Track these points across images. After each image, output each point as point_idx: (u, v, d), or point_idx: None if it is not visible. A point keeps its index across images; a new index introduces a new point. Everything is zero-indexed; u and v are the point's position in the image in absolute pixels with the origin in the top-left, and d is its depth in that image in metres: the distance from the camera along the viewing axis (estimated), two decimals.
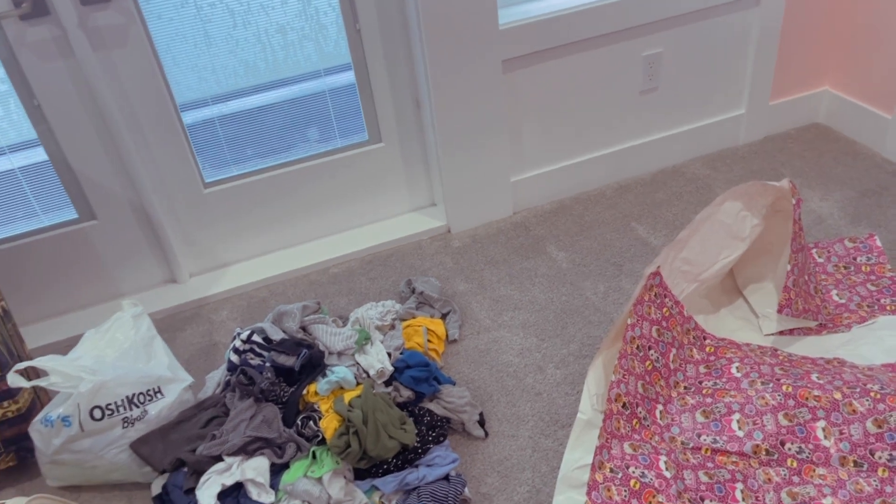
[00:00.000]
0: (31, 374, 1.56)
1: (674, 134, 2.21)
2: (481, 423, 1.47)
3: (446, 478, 1.33)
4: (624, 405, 1.33)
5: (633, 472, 1.24)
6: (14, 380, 1.35)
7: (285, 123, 1.94)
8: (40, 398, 1.54)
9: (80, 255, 1.89)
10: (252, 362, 1.48)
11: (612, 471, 1.24)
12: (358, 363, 1.51)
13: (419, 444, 1.36)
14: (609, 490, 1.22)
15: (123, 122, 1.75)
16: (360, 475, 1.34)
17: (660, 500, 1.21)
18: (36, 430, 1.39)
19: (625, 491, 1.22)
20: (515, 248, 2.00)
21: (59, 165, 1.77)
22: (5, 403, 1.44)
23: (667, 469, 1.26)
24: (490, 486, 1.36)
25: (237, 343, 1.52)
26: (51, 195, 1.81)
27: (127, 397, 1.40)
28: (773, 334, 1.57)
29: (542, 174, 2.12)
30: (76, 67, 1.65)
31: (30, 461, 1.52)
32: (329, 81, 1.92)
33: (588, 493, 1.21)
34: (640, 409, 1.35)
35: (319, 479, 1.29)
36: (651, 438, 1.33)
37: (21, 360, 1.50)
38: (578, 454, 1.32)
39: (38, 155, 1.76)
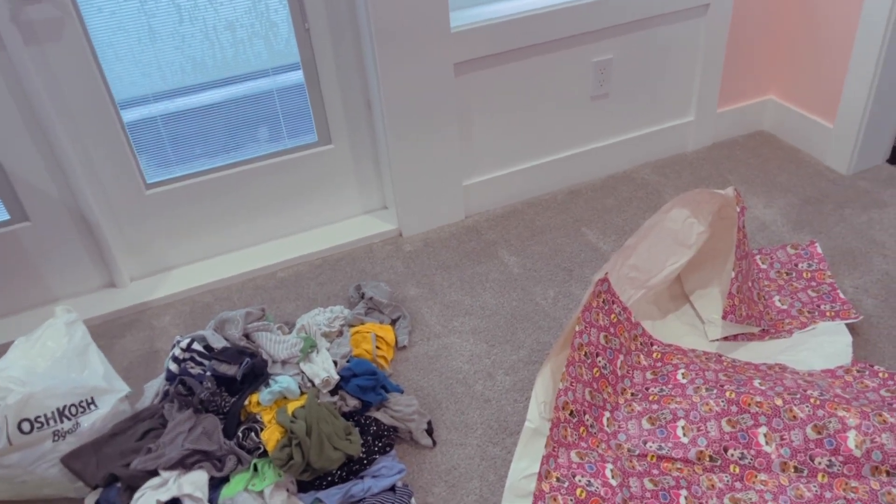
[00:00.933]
0: None
1: (624, 140, 2.23)
2: (429, 431, 1.45)
3: (392, 489, 1.30)
4: (571, 413, 1.33)
5: (580, 481, 1.24)
6: None
7: (232, 123, 1.88)
8: None
9: (10, 258, 1.80)
10: (192, 371, 1.43)
11: (558, 480, 1.24)
12: (303, 372, 1.47)
13: (365, 455, 1.33)
14: (555, 500, 1.21)
15: (58, 119, 1.68)
16: (303, 487, 1.30)
17: None
18: None
19: (571, 500, 1.21)
20: (467, 252, 1.99)
21: None
22: None
23: (613, 477, 1.26)
24: (437, 497, 1.34)
25: (176, 351, 1.46)
26: None
27: (58, 409, 1.34)
28: (718, 340, 1.59)
29: (494, 178, 2.11)
30: (7, 63, 1.57)
31: None
32: (278, 80, 1.87)
33: (534, 503, 1.20)
34: (587, 416, 1.35)
35: (261, 493, 1.26)
36: (598, 446, 1.33)
37: None
38: (525, 463, 1.31)
39: None
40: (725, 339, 1.59)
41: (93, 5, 1.61)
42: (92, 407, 1.39)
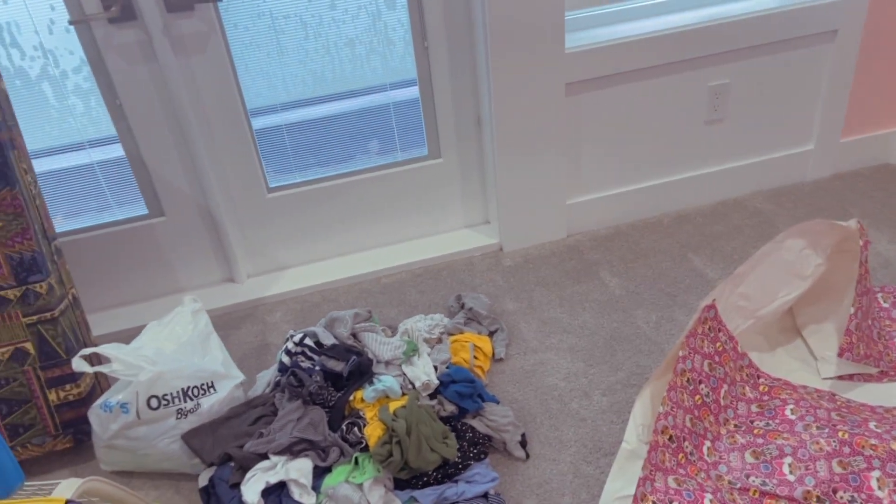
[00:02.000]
0: (94, 360, 1.62)
1: (738, 166, 2.18)
2: (523, 444, 1.46)
3: (485, 495, 1.33)
4: (670, 438, 1.31)
5: None
6: (78, 364, 1.42)
7: (349, 134, 1.99)
8: (100, 384, 1.61)
9: (146, 249, 1.97)
10: (302, 365, 1.52)
11: None
12: (404, 374, 1.53)
13: (460, 460, 1.37)
14: None
15: (197, 124, 1.83)
16: (399, 485, 1.35)
17: None
18: (95, 414, 1.45)
19: None
20: (567, 270, 1.99)
21: (134, 163, 1.85)
22: (67, 387, 1.51)
23: None
24: None
25: (289, 345, 1.55)
26: (124, 190, 1.90)
27: (182, 389, 1.45)
28: (831, 378, 1.52)
29: (599, 198, 2.11)
30: (157, 71, 1.73)
31: (85, 444, 1.58)
32: (393, 95, 1.96)
33: None
34: (686, 443, 1.33)
35: (360, 486, 1.31)
36: (697, 475, 1.30)
37: (86, 347, 1.57)
38: (620, 484, 1.30)
39: (116, 151, 1.85)
40: (840, 378, 1.51)
41: (231, 21, 1.75)
42: (211, 390, 1.49)
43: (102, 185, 1.88)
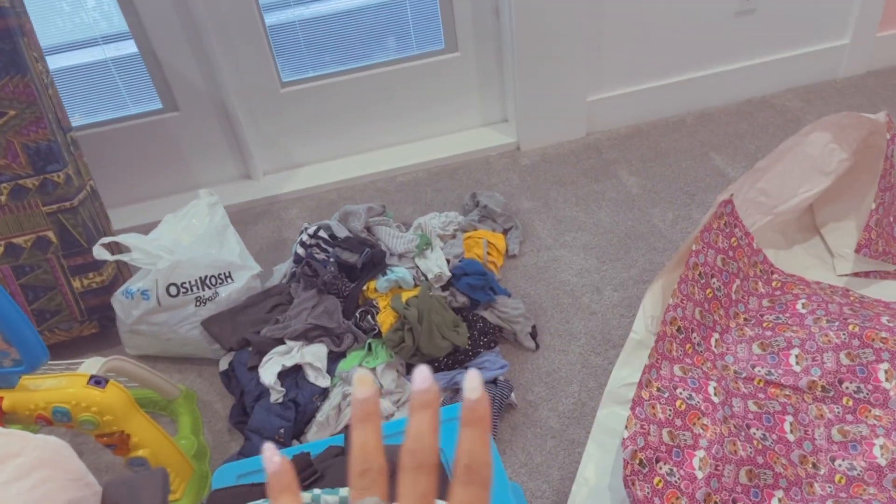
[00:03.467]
0: (114, 249, 1.66)
1: (767, 62, 2.08)
2: (533, 335, 1.49)
3: (494, 382, 1.36)
4: (678, 329, 1.32)
5: (681, 394, 1.25)
6: (99, 252, 1.45)
7: (364, 29, 1.93)
8: (122, 273, 1.65)
9: (162, 144, 1.97)
10: (317, 256, 1.54)
11: (658, 390, 1.25)
12: (417, 266, 1.54)
13: (470, 348, 1.40)
14: (654, 407, 1.23)
15: (209, 18, 1.78)
16: (410, 370, 1.39)
17: (704, 422, 1.21)
18: (117, 300, 1.50)
19: (669, 410, 1.22)
20: (585, 169, 1.96)
21: (147, 57, 1.83)
22: (91, 275, 1.55)
23: (715, 394, 1.25)
24: (536, 395, 1.39)
25: (304, 237, 1.57)
26: (138, 86, 1.88)
27: (200, 278, 1.49)
28: (847, 275, 1.50)
29: (620, 96, 2.05)
30: None
31: (110, 329, 1.64)
32: None
33: (632, 409, 1.22)
34: (694, 334, 1.34)
35: (373, 370, 1.35)
36: (703, 364, 1.32)
37: (108, 237, 1.60)
38: (627, 372, 1.33)
39: (129, 47, 1.82)
40: (856, 275, 1.50)
41: None
42: (229, 280, 1.53)
43: (117, 80, 1.87)
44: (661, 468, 1.16)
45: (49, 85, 1.51)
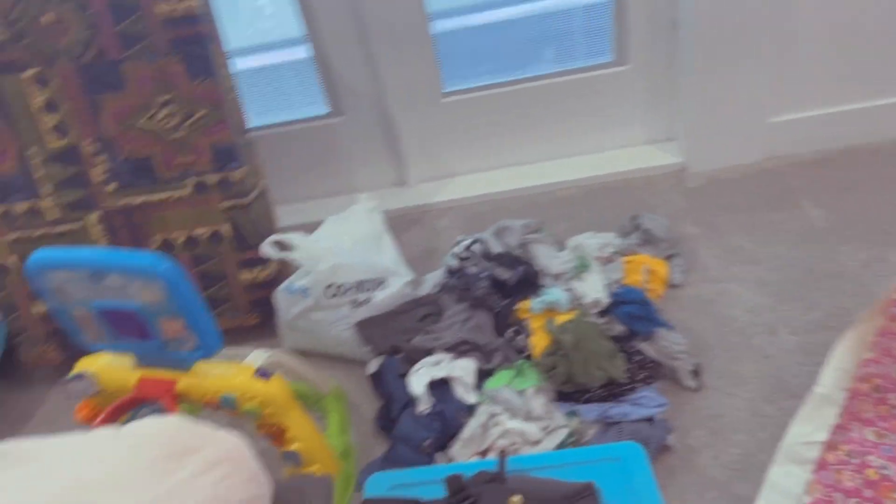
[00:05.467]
0: (279, 247, 1.73)
1: None
2: (695, 373, 1.38)
3: (650, 420, 1.27)
4: (875, 388, 1.16)
5: (873, 462, 1.09)
6: (267, 250, 1.52)
7: (529, 39, 1.89)
8: (285, 269, 1.72)
9: (325, 148, 2.04)
10: (470, 270, 1.52)
11: (847, 454, 1.10)
12: (573, 289, 1.48)
13: (627, 381, 1.31)
14: (840, 473, 1.09)
15: (379, 25, 1.82)
16: (562, 397, 1.33)
17: None
18: (280, 296, 1.56)
19: (859, 479, 1.08)
20: (761, 197, 1.80)
21: (320, 63, 1.90)
22: (256, 269, 1.63)
23: None
24: (697, 440, 1.28)
25: (458, 249, 1.56)
26: (308, 90, 1.96)
27: (357, 281, 1.51)
28: None
29: (806, 118, 1.86)
30: None
31: (269, 322, 1.71)
32: None
33: (816, 472, 1.09)
34: (892, 395, 1.18)
35: (522, 392, 1.31)
36: None
37: (273, 234, 1.68)
38: (809, 429, 1.18)
39: (300, 52, 1.90)
40: None
41: None
42: (383, 285, 1.54)
43: (288, 84, 1.96)
44: None
45: (231, 89, 1.60)
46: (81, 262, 1.06)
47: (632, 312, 1.41)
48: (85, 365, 1.23)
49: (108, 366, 1.21)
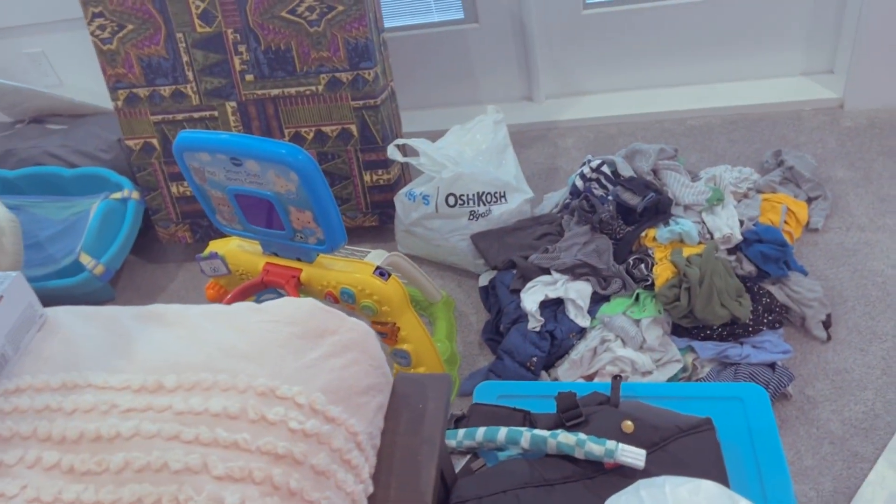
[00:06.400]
0: (403, 152, 1.74)
1: None
2: (826, 324, 1.29)
3: (772, 366, 1.21)
4: None
5: None
6: (392, 152, 1.53)
7: None
8: (405, 175, 1.74)
9: (457, 55, 1.99)
10: (596, 192, 1.47)
11: None
12: (704, 222, 1.40)
13: (751, 323, 1.25)
14: None
15: None
16: (678, 331, 1.29)
17: None
18: (400, 200, 1.58)
19: None
20: None
21: None
22: (379, 171, 1.65)
23: None
24: (818, 392, 1.22)
25: (585, 169, 1.51)
26: None
27: (477, 193, 1.50)
28: None
29: None
30: None
31: (387, 225, 1.74)
32: None
33: None
34: None
35: (637, 322, 1.28)
36: None
37: (399, 138, 1.68)
38: None
39: None
40: None
41: None
42: (503, 200, 1.53)
43: None
44: None
45: None
46: (223, 146, 1.10)
47: (765, 252, 1.32)
48: (217, 246, 1.31)
49: (239, 249, 1.28)
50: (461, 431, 0.92)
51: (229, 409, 0.60)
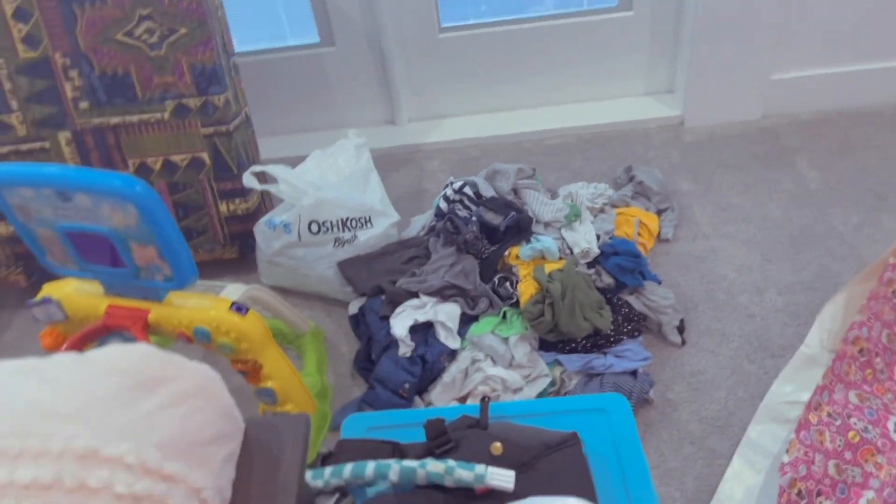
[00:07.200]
0: (262, 179, 1.67)
1: None
2: (680, 329, 1.36)
3: (633, 374, 1.26)
4: (861, 351, 1.15)
5: (855, 424, 1.09)
6: (248, 181, 1.46)
7: None
8: (265, 203, 1.66)
9: (314, 79, 1.95)
10: (459, 213, 1.47)
11: (829, 415, 1.10)
12: (563, 238, 1.44)
13: (612, 333, 1.29)
14: (822, 434, 1.08)
15: None
16: (545, 346, 1.31)
17: (879, 460, 1.06)
18: (260, 230, 1.50)
19: (840, 440, 1.07)
20: (757, 155, 1.77)
21: None
22: (237, 200, 1.57)
23: (895, 432, 1.08)
24: (677, 395, 1.27)
25: (448, 191, 1.51)
26: (299, 17, 1.87)
27: (341, 219, 1.46)
28: None
29: (808, 77, 1.82)
30: None
31: (249, 256, 1.66)
32: None
33: (797, 432, 1.09)
34: (878, 359, 1.17)
35: (505, 340, 1.28)
36: (884, 395, 1.15)
37: (256, 165, 1.61)
38: (790, 388, 1.18)
39: None
40: None
41: None
42: (368, 225, 1.49)
43: (279, 9, 1.86)
44: (821, 503, 1.02)
45: (219, 6, 1.50)
46: (46, 180, 0.99)
47: (621, 264, 1.38)
48: (51, 290, 1.18)
49: (76, 292, 1.16)
50: (328, 470, 0.87)
51: (40, 478, 0.52)
